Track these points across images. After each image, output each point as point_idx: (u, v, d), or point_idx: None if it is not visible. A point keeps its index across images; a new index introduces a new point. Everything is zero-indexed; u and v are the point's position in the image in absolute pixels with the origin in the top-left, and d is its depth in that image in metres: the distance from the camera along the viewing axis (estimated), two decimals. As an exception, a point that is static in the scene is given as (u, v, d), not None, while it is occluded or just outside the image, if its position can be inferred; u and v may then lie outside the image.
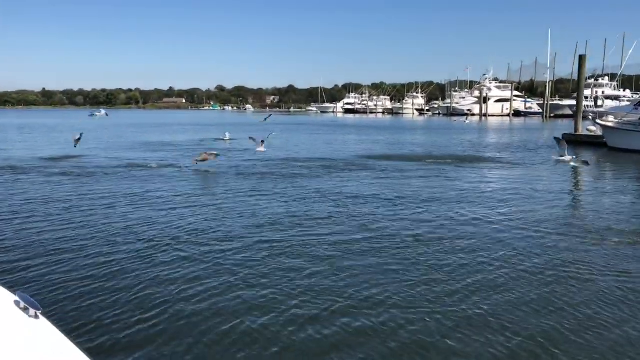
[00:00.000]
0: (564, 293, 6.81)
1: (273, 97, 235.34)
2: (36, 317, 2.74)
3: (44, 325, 2.73)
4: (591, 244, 9.13)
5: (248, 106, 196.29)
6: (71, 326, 5.84)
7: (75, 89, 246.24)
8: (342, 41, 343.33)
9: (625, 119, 26.93)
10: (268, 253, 8.49)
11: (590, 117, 28.69)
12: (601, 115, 28.44)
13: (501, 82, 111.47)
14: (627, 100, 51.52)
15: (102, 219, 11.00)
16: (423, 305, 6.46)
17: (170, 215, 11.29)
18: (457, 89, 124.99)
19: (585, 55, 31.11)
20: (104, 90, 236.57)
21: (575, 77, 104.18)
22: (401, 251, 8.63)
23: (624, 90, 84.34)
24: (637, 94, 78.15)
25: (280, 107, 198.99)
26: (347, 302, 6.50)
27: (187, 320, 6.07)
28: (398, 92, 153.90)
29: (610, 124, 27.01)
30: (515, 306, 6.41)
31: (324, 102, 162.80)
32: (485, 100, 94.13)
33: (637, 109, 29.44)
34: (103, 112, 27.60)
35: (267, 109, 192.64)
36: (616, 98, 70.19)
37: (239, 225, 10.41)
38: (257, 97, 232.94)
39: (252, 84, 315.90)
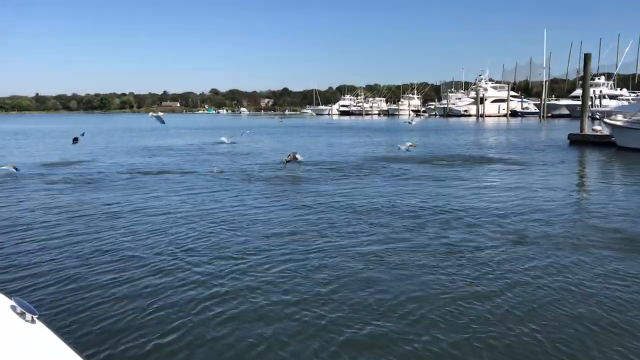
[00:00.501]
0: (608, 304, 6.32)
1: (267, 99, 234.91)
2: (32, 321, 2.77)
3: (41, 330, 2.75)
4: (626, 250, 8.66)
5: (243, 109, 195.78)
6: (71, 334, 5.54)
7: (69, 93, 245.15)
8: (335, 43, 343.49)
9: (635, 118, 26.49)
10: (288, 266, 7.91)
11: (598, 117, 28.30)
12: (609, 114, 27.99)
13: (497, 82, 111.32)
14: (632, 100, 51.15)
15: (106, 229, 10.45)
16: (461, 321, 5.94)
17: (178, 225, 10.71)
18: (452, 89, 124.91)
19: (590, 54, 30.70)
20: (97, 95, 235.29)
21: (571, 76, 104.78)
22: (431, 262, 8.08)
23: (620, 90, 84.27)
24: (635, 92, 78.10)
25: (274, 110, 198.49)
26: (384, 323, 5.92)
27: (199, 337, 5.60)
28: (393, 94, 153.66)
29: (619, 123, 26.58)
30: (560, 322, 5.90)
31: (318, 104, 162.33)
32: (482, 100, 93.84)
33: (644, 107, 29.00)
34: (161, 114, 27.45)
35: (262, 111, 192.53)
36: (614, 97, 70.01)
37: (253, 234, 9.84)
38: (252, 100, 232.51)
39: (246, 87, 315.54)
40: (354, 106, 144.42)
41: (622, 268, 7.68)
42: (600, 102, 59.97)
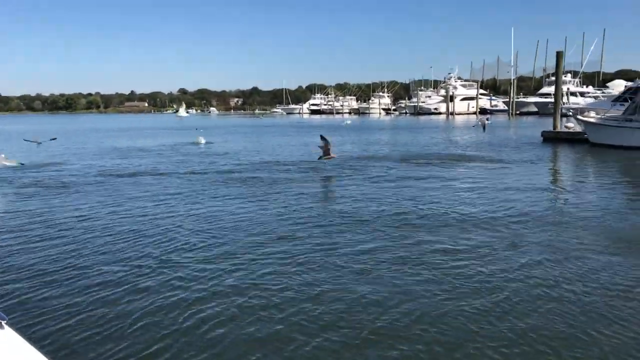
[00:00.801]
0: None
1: (237, 99, 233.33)
2: (1, 327, 2.78)
3: (10, 335, 2.75)
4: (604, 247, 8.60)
5: (212, 109, 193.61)
6: (46, 344, 5.37)
7: (33, 94, 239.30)
8: (305, 42, 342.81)
9: (607, 115, 26.88)
10: (273, 270, 7.60)
11: (570, 114, 28.71)
12: (581, 111, 28.40)
13: (465, 80, 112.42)
14: (602, 97, 52.06)
15: (80, 233, 10.05)
16: (458, 322, 5.80)
17: (156, 228, 10.32)
18: (422, 88, 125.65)
19: (562, 52, 31.09)
20: (62, 95, 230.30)
21: (537, 74, 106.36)
22: (422, 262, 7.90)
23: (586, 87, 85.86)
24: (600, 90, 79.57)
25: (244, 109, 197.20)
26: (375, 332, 5.65)
27: (178, 347, 5.36)
28: (363, 92, 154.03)
29: (592, 120, 26.91)
30: (557, 324, 5.75)
31: (289, 103, 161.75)
32: (452, 99, 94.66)
33: (614, 105, 29.48)
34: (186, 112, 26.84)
35: (232, 111, 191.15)
36: (581, 94, 71.26)
37: (234, 237, 9.51)
38: (221, 99, 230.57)
39: (215, 86, 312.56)
40: (325, 105, 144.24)
41: (611, 263, 7.63)
42: (568, 99, 60.92)
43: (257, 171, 19.02)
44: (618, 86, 63.04)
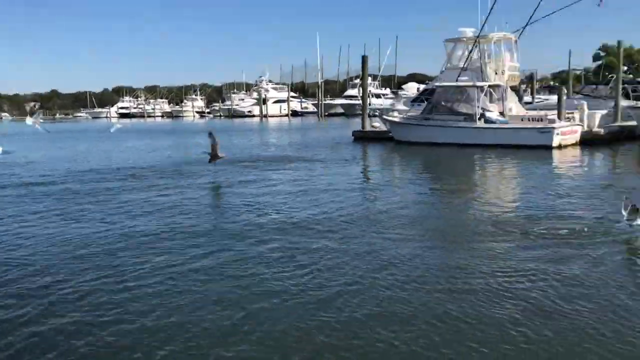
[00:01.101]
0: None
1: (33, 103, 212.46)
2: None
3: None
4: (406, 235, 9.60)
5: (4, 114, 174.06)
6: None
7: None
8: (108, 43, 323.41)
9: (408, 114, 29.56)
10: (91, 290, 7.11)
11: (377, 114, 31.07)
12: (386, 111, 30.95)
13: (276, 84, 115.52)
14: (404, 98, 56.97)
15: None
16: (296, 326, 5.92)
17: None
18: (235, 91, 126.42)
19: (367, 56, 33.54)
20: None
21: (342, 77, 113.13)
22: (253, 268, 8.05)
23: (384, 89, 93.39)
24: (395, 92, 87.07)
25: (44, 114, 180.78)
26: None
27: None
28: (175, 96, 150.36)
29: (396, 119, 29.39)
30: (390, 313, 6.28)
31: (94, 106, 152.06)
32: (265, 101, 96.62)
33: (413, 105, 32.54)
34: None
35: (28, 116, 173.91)
36: (383, 96, 77.40)
37: (47, 259, 8.66)
38: (14, 104, 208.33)
39: (6, 89, 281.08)
40: (135, 108, 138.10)
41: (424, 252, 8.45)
42: (370, 101, 65.65)
43: (69, 182, 17.50)
44: (411, 88, 69.99)
